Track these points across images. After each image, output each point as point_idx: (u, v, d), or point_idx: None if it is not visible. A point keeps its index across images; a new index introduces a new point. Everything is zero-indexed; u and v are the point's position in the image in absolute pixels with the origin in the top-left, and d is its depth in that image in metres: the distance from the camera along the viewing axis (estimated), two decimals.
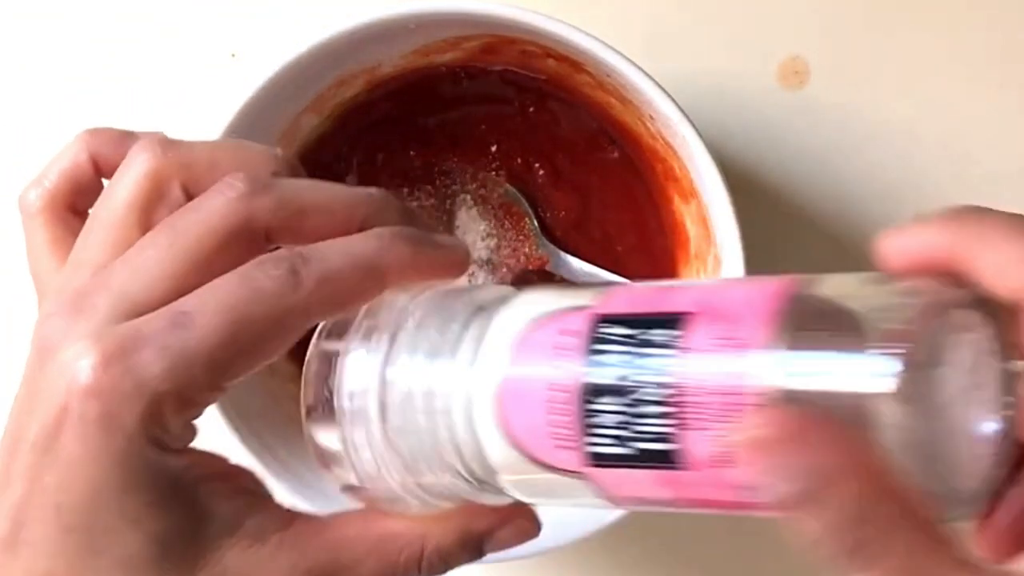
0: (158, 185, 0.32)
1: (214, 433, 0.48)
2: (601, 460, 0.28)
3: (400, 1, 0.46)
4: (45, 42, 0.59)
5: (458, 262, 0.33)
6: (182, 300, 0.29)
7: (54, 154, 0.36)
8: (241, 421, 0.49)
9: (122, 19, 0.59)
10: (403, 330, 0.31)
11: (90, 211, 0.33)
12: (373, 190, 0.33)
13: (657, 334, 0.27)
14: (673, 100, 0.45)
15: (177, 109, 0.59)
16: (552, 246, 0.53)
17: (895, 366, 0.24)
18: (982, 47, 0.57)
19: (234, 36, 0.59)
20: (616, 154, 0.53)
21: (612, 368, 0.28)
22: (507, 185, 0.53)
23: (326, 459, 0.32)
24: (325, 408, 0.31)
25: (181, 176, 0.32)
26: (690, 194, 0.50)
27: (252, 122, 0.47)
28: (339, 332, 0.32)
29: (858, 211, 0.57)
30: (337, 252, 0.30)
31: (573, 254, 0.53)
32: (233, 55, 0.59)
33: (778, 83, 0.57)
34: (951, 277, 0.27)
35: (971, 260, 0.26)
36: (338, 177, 0.53)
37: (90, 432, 0.28)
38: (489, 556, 0.47)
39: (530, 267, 0.53)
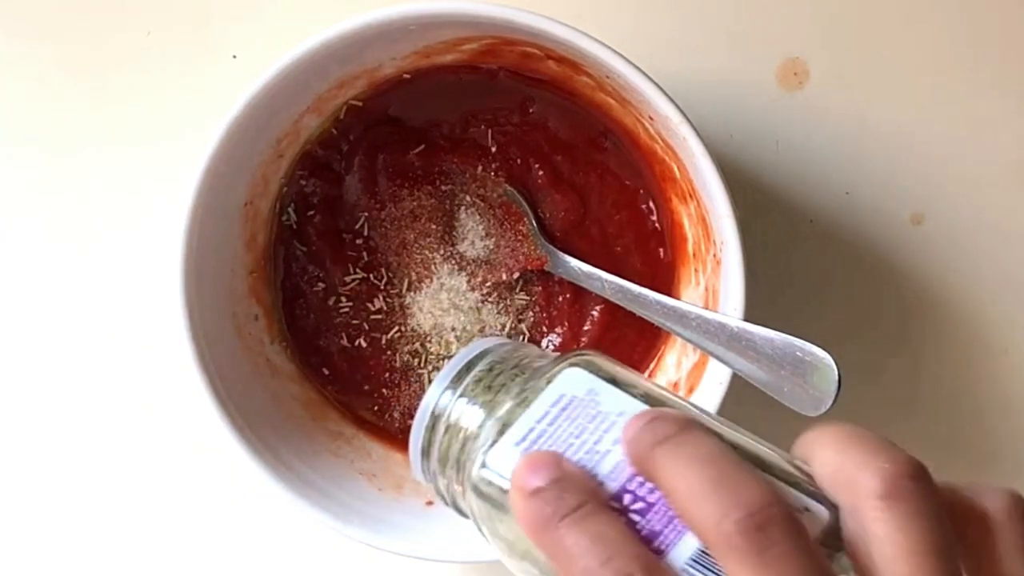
0: None
1: (215, 434, 0.49)
2: None
3: (401, 2, 0.46)
4: (44, 42, 0.59)
5: None
6: None
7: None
8: (242, 421, 0.49)
9: (123, 20, 0.59)
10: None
11: None
12: None
13: None
14: (673, 101, 0.45)
15: (178, 109, 0.59)
16: (551, 246, 0.53)
17: None
18: (981, 47, 0.57)
19: (235, 37, 0.59)
20: (615, 155, 0.53)
21: None
22: (506, 185, 0.53)
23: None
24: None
25: None
26: (689, 195, 0.50)
27: (253, 123, 0.47)
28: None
29: (857, 211, 0.57)
30: None
31: (572, 254, 0.53)
32: (234, 56, 0.59)
33: (777, 84, 0.57)
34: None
35: (811, 464, 0.30)
36: (338, 177, 0.54)
37: None
38: (485, 555, 0.48)
39: (529, 267, 0.53)
